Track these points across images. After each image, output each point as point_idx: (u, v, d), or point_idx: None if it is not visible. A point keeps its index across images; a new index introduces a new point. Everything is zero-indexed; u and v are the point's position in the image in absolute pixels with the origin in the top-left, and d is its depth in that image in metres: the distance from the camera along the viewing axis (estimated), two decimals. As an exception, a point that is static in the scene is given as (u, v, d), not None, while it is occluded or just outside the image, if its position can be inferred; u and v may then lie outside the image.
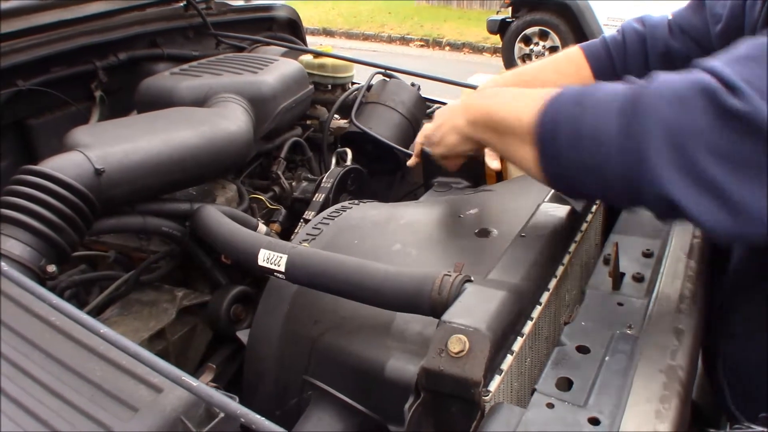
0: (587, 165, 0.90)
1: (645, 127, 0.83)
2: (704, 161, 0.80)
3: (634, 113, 0.85)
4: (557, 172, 0.95)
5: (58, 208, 1.14)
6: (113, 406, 0.79)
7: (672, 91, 0.84)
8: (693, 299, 1.01)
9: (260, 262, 1.11)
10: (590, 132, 0.88)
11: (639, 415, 0.78)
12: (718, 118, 0.80)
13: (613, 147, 0.86)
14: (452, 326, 0.82)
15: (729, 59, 0.84)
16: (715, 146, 0.80)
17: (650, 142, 0.83)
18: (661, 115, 0.83)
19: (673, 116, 0.82)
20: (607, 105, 0.88)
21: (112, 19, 1.91)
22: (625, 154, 0.85)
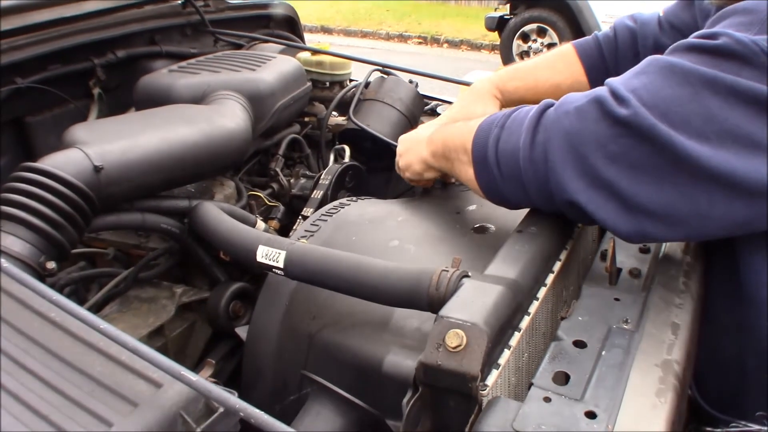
0: (510, 177, 1.03)
1: (548, 137, 0.95)
2: (600, 165, 0.90)
3: (540, 127, 0.97)
4: (491, 187, 1.09)
5: (58, 205, 1.14)
6: (113, 401, 0.79)
7: (573, 104, 0.94)
8: (689, 294, 1.02)
9: (259, 258, 1.12)
10: (509, 148, 1.01)
11: (635, 408, 0.78)
12: (609, 125, 0.90)
13: (526, 159, 0.98)
14: (450, 321, 0.82)
15: (626, 75, 0.94)
16: (608, 151, 0.90)
17: (553, 151, 0.94)
18: (561, 125, 0.94)
19: (572, 126, 0.93)
20: (520, 122, 1.01)
21: (110, 17, 1.92)
22: (535, 164, 0.97)
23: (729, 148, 0.85)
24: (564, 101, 0.97)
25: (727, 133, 0.85)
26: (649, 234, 0.93)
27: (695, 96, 0.86)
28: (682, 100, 0.87)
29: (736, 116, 0.84)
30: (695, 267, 1.11)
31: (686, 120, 0.86)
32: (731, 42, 0.86)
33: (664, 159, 0.87)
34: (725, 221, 0.90)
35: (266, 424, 0.71)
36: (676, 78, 0.88)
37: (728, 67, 0.85)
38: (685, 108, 0.86)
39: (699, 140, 0.85)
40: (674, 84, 0.88)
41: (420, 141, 1.35)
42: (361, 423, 1.02)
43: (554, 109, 0.97)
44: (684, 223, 0.90)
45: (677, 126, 0.86)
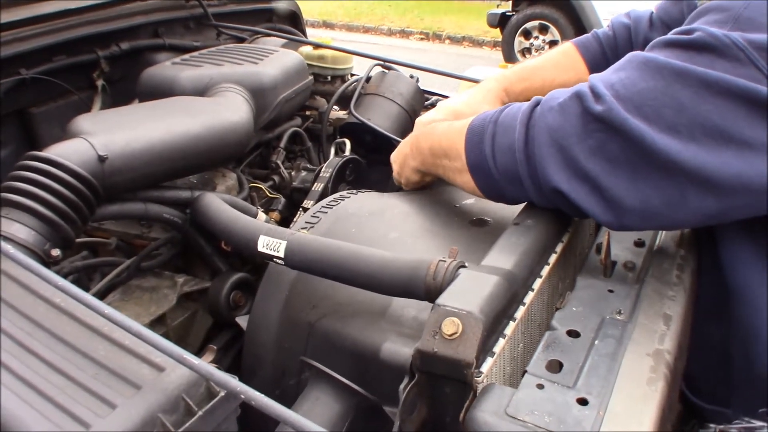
0: (507, 172, 1.06)
1: (537, 132, 0.99)
2: (582, 158, 0.94)
3: (530, 123, 1.01)
4: (487, 183, 1.11)
5: (63, 193, 1.16)
6: (116, 384, 0.81)
7: (557, 101, 0.99)
8: (682, 286, 1.04)
9: (260, 248, 1.13)
10: (505, 143, 1.05)
11: (626, 396, 0.80)
12: (587, 120, 0.94)
13: (521, 152, 1.02)
14: (446, 309, 0.84)
15: (608, 70, 0.98)
16: (587, 145, 0.94)
17: (541, 146, 0.98)
18: (546, 121, 0.98)
19: (555, 121, 0.97)
20: (513, 117, 1.04)
21: (114, 9, 1.93)
22: (528, 159, 1.01)
23: (699, 141, 0.87)
24: (549, 97, 1.02)
25: (697, 125, 0.87)
26: (627, 224, 0.97)
27: (667, 88, 0.89)
28: (654, 93, 0.89)
29: (707, 108, 0.86)
30: (689, 260, 1.13)
31: (658, 113, 0.89)
32: (704, 36, 0.88)
33: (636, 153, 0.90)
34: (698, 214, 0.92)
35: (267, 406, 0.73)
36: (650, 72, 0.91)
37: (701, 60, 0.88)
38: (657, 101, 0.89)
39: (670, 134, 0.88)
40: (648, 78, 0.91)
41: (406, 153, 1.39)
42: (358, 409, 1.03)
43: (541, 105, 1.01)
44: (658, 215, 0.94)
45: (650, 119, 0.89)
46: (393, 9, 13.30)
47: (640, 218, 0.95)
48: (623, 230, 1.02)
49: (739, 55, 0.85)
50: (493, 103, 1.49)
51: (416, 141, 1.34)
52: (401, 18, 12.54)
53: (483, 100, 1.49)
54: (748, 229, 1.00)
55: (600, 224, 1.02)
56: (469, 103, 1.49)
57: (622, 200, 0.93)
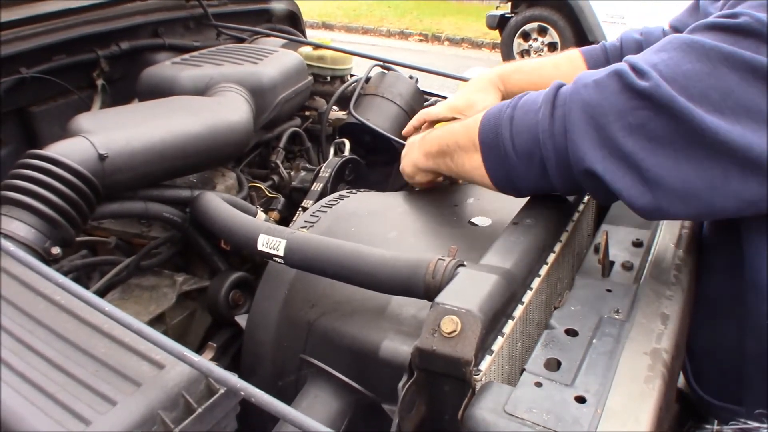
0: (526, 154, 1.03)
1: (569, 109, 0.96)
2: (620, 136, 0.91)
3: (558, 101, 0.98)
4: (501, 169, 1.09)
5: (63, 191, 1.16)
6: (117, 381, 0.82)
7: (591, 78, 0.96)
8: (680, 286, 1.05)
9: (259, 246, 1.14)
10: (526, 124, 1.02)
11: (624, 394, 0.81)
12: (629, 97, 0.91)
13: (545, 132, 0.99)
14: (445, 307, 0.85)
15: (645, 52, 0.96)
16: (628, 123, 0.91)
17: (573, 123, 0.95)
18: (581, 96, 0.95)
19: (591, 97, 0.94)
20: (534, 100, 1.02)
21: (114, 9, 1.94)
22: (554, 136, 0.98)
23: (745, 123, 0.86)
24: (581, 76, 0.98)
25: (743, 108, 0.86)
26: (663, 207, 0.93)
27: (714, 71, 0.87)
28: (700, 75, 0.88)
29: (754, 92, 0.86)
30: (687, 260, 1.13)
31: (705, 94, 0.87)
32: (751, 21, 0.87)
33: (682, 132, 0.88)
34: (738, 198, 0.90)
35: (266, 403, 0.74)
36: (696, 54, 0.89)
37: (747, 45, 0.87)
38: (703, 82, 0.87)
39: (716, 114, 0.86)
40: (693, 59, 0.89)
41: (413, 153, 1.37)
42: (357, 406, 1.04)
43: (572, 84, 0.98)
44: (698, 197, 0.91)
45: (696, 100, 0.87)
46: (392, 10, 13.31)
47: (679, 200, 0.91)
48: (655, 216, 0.98)
49: None
50: (488, 90, 1.50)
51: (425, 142, 1.32)
52: (400, 19, 12.55)
53: (477, 88, 1.51)
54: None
55: (631, 208, 0.96)
56: (464, 96, 1.52)
57: (662, 181, 0.91)
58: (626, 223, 1.24)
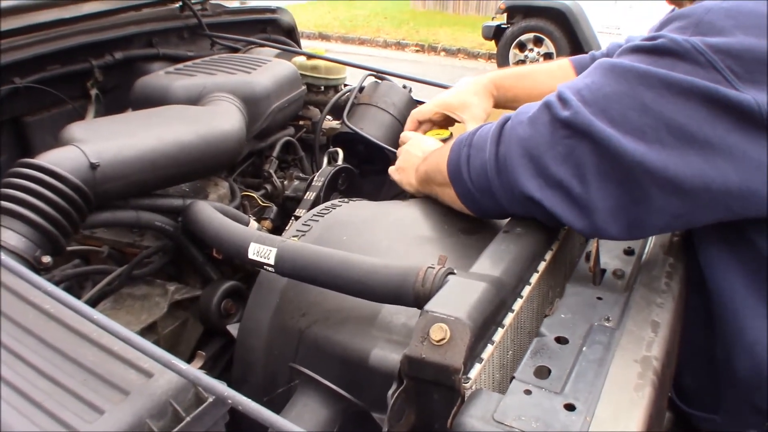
0: (483, 190, 1.10)
1: (508, 146, 1.02)
2: (552, 165, 0.97)
3: (501, 138, 1.04)
4: (470, 201, 1.16)
5: (54, 200, 1.16)
6: (105, 390, 0.81)
7: (526, 114, 1.02)
8: (670, 294, 1.05)
9: (250, 255, 1.14)
10: (478, 164, 1.09)
11: (613, 402, 0.81)
12: (556, 128, 0.96)
13: (492, 170, 1.05)
14: (434, 315, 0.85)
15: (577, 78, 1.01)
16: (557, 152, 0.96)
17: (513, 158, 1.01)
18: (517, 133, 1.01)
19: (525, 132, 1.00)
20: (485, 138, 1.08)
21: (108, 19, 1.94)
22: (500, 174, 1.04)
23: (664, 141, 0.89)
24: (519, 112, 1.05)
25: (661, 125, 0.89)
26: (599, 228, 0.97)
27: (631, 91, 0.91)
28: (619, 96, 0.92)
29: (670, 108, 0.88)
30: (677, 268, 1.13)
31: (624, 115, 0.91)
32: (666, 41, 0.91)
33: (603, 156, 0.92)
34: (665, 215, 0.94)
35: (255, 412, 0.73)
36: (615, 76, 0.93)
37: (663, 63, 0.90)
38: (622, 103, 0.91)
39: (635, 136, 0.90)
40: (613, 82, 0.93)
41: (411, 167, 1.43)
42: (347, 415, 1.04)
43: (511, 121, 1.05)
44: (628, 217, 0.95)
45: (616, 122, 0.91)
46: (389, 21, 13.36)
47: (612, 220, 0.96)
48: (599, 237, 1.03)
49: (699, 59, 0.88)
50: (482, 95, 1.55)
51: (417, 169, 1.39)
52: (397, 30, 12.59)
53: (472, 91, 1.55)
54: (722, 233, 1.02)
55: (576, 231, 1.02)
56: (458, 94, 1.56)
57: (593, 204, 0.95)
58: (618, 232, 1.24)
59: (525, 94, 1.53)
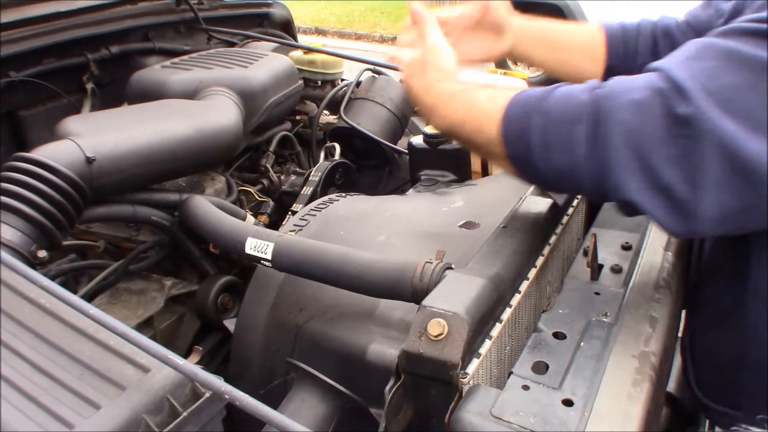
0: (561, 171, 0.94)
1: (607, 134, 0.87)
2: (661, 167, 0.84)
3: (596, 121, 0.88)
4: (525, 168, 0.98)
5: (50, 194, 1.15)
6: (101, 385, 0.81)
7: (629, 96, 0.87)
8: (668, 289, 1.04)
9: (247, 250, 1.13)
10: (560, 139, 0.92)
11: (611, 397, 0.80)
12: (671, 124, 0.83)
13: (581, 156, 0.90)
14: (432, 310, 0.84)
15: (678, 58, 0.88)
16: (669, 153, 0.84)
17: (615, 149, 0.86)
18: (620, 119, 0.86)
19: (632, 122, 0.86)
20: (569, 109, 0.92)
21: (104, 13, 1.93)
22: (592, 161, 0.89)
23: None
24: (619, 89, 0.89)
25: None
26: (698, 231, 0.88)
27: (755, 83, 0.81)
28: (742, 88, 0.81)
29: None
30: (676, 264, 1.13)
31: (748, 111, 0.81)
32: None
33: (726, 162, 0.81)
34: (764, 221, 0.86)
35: (252, 407, 0.73)
36: (734, 64, 0.83)
37: None
38: (746, 97, 0.81)
39: (758, 134, 0.80)
40: (734, 71, 0.83)
41: (429, 81, 1.12)
42: (344, 410, 1.03)
43: (609, 98, 0.89)
44: (734, 219, 0.86)
45: (738, 116, 0.80)
46: (385, 16, 13.31)
47: (716, 224, 0.86)
48: (687, 236, 0.95)
49: None
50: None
51: (432, 80, 1.11)
52: (393, 25, 12.53)
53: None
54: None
55: (666, 232, 0.92)
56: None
57: (701, 211, 0.85)
58: (615, 227, 1.24)
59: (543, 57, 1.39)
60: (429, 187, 1.59)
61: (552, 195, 1.22)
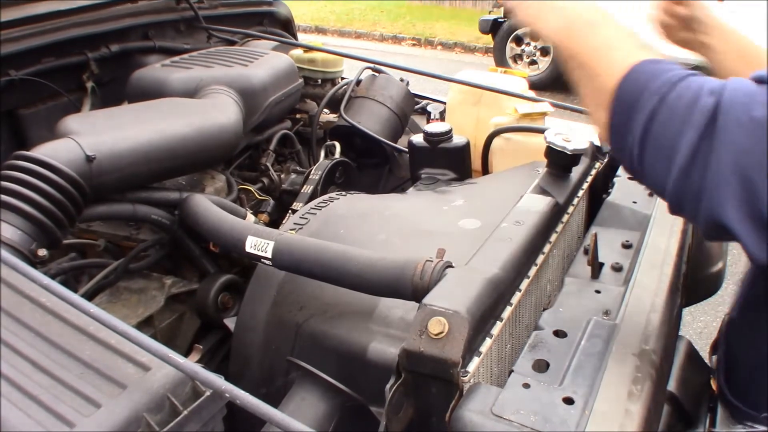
0: (653, 174, 0.85)
1: (718, 149, 0.76)
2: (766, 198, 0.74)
3: (714, 129, 0.77)
4: (621, 149, 0.88)
5: (50, 193, 1.15)
6: (102, 383, 0.81)
7: (750, 112, 0.75)
8: (669, 287, 1.04)
9: (248, 248, 1.13)
10: (667, 135, 0.82)
11: (612, 395, 0.80)
12: None
13: (680, 164, 0.80)
14: (432, 309, 0.84)
15: None
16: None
17: (719, 169, 0.76)
18: (735, 138, 0.76)
19: (745, 144, 0.75)
20: (688, 104, 0.80)
21: (104, 11, 1.93)
22: (691, 174, 0.79)
23: None
24: (739, 99, 0.77)
25: None
26: None
27: None
28: None
29: None
30: (677, 262, 1.13)
31: None
32: None
33: None
34: None
35: (252, 405, 0.73)
36: None
37: None
38: None
39: None
40: None
41: (580, 18, 0.97)
42: (344, 408, 1.03)
43: (731, 108, 0.77)
44: None
45: None
46: (385, 15, 13.32)
47: None
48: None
49: None
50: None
51: (572, 17, 0.98)
52: (393, 24, 12.55)
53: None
54: None
55: (755, 261, 0.80)
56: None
57: None
58: (616, 225, 1.24)
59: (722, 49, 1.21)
60: (429, 185, 1.58)
61: (552, 193, 1.22)
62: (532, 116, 1.79)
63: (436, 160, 1.63)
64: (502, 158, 1.79)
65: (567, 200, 1.25)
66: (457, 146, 1.61)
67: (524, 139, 1.76)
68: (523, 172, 1.47)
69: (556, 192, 1.23)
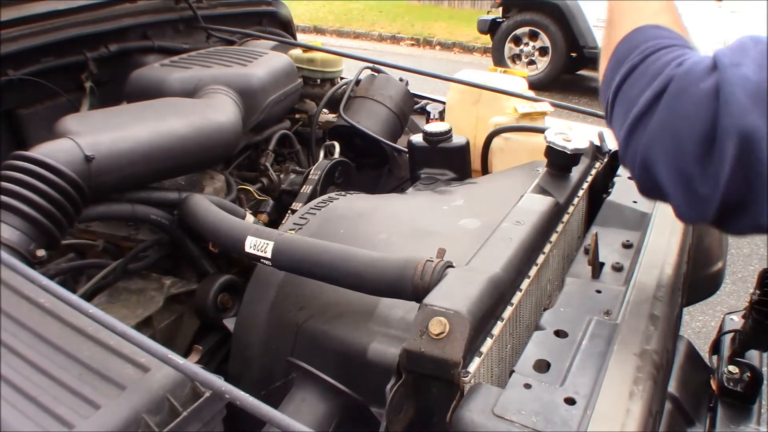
0: (618, 109, 0.85)
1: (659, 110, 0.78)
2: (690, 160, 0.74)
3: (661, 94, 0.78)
4: (605, 98, 0.90)
5: (48, 193, 1.15)
6: (101, 385, 0.81)
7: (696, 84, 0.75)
8: (670, 287, 1.04)
9: (247, 248, 1.13)
10: (633, 87, 0.84)
11: (613, 395, 0.80)
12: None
13: (637, 110, 0.81)
14: (433, 309, 0.84)
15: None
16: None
17: (658, 125, 0.78)
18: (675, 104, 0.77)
19: (685, 110, 0.76)
20: (656, 71, 0.81)
21: (103, 11, 1.92)
22: (640, 123, 0.81)
23: None
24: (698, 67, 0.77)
25: None
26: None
27: None
28: None
29: None
30: (677, 262, 1.13)
31: None
32: None
33: None
34: None
35: (252, 406, 0.72)
36: None
37: None
38: None
39: None
40: None
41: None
42: (345, 409, 1.03)
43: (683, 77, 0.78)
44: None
45: None
46: (384, 15, 13.31)
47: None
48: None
49: None
50: None
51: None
52: (392, 24, 12.54)
53: None
54: None
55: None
56: None
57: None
58: (616, 225, 1.24)
59: None
60: (429, 185, 1.58)
61: (552, 193, 1.22)
62: (532, 116, 1.79)
63: (435, 160, 1.63)
64: (501, 158, 1.79)
65: (567, 200, 1.25)
66: (457, 146, 1.61)
67: (524, 139, 1.76)
68: (523, 171, 1.47)
69: (556, 192, 1.23)
